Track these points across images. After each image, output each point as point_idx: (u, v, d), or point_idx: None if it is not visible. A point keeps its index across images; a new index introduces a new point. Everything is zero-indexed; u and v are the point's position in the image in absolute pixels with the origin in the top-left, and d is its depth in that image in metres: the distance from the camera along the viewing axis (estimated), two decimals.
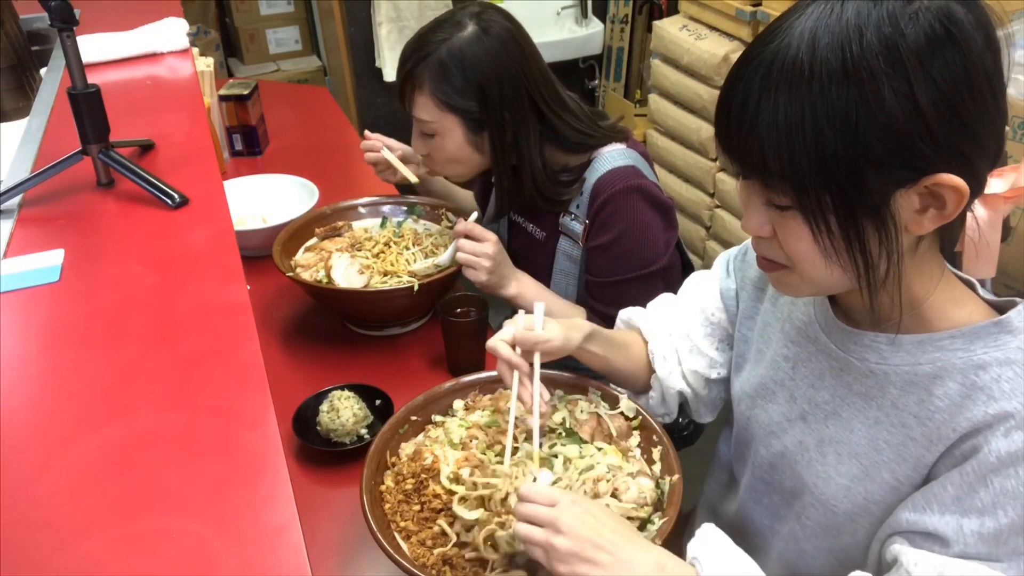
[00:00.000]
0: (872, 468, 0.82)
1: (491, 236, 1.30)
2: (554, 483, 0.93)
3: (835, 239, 0.72)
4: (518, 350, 0.98)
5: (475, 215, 1.35)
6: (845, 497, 0.84)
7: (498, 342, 0.97)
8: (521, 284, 1.34)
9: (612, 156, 1.33)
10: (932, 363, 0.78)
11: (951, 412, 0.76)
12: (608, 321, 1.30)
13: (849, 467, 0.84)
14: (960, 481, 0.74)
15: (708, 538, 0.82)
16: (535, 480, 0.90)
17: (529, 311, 1.01)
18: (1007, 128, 0.73)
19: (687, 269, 1.47)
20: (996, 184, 0.76)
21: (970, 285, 0.82)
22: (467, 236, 1.31)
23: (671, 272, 1.40)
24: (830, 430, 0.87)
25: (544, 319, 0.99)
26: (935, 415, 0.77)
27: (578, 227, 1.36)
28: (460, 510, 0.91)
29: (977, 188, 0.71)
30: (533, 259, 1.44)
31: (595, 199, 1.32)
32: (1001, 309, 0.79)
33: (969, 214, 0.78)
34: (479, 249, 1.29)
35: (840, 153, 0.67)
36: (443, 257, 1.36)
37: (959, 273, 0.82)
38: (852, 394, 0.85)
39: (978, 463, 0.73)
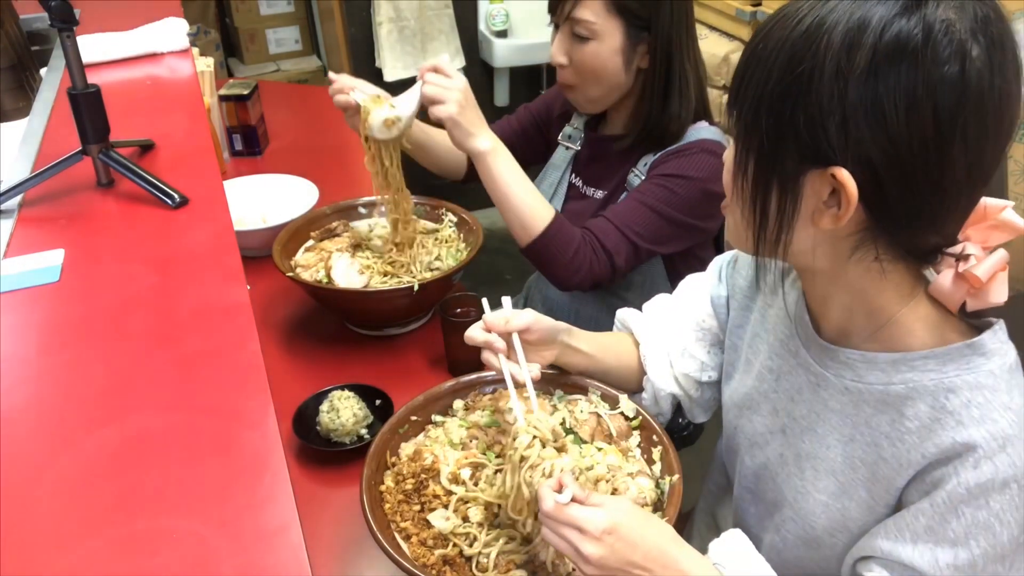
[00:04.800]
0: (849, 485, 0.82)
1: (461, 76, 1.25)
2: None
3: (746, 182, 0.75)
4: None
5: (445, 56, 1.31)
6: (823, 513, 0.84)
7: (472, 329, 0.99)
8: (496, 141, 1.26)
9: (704, 130, 1.36)
10: (905, 383, 0.77)
11: (920, 435, 0.75)
12: (595, 225, 1.30)
13: (826, 483, 0.84)
14: (931, 511, 0.73)
15: (732, 542, 0.83)
16: (559, 489, 0.80)
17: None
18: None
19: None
20: (972, 263, 0.75)
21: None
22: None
23: (691, 258, 1.42)
24: (806, 445, 0.86)
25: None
26: (905, 437, 0.77)
27: (637, 181, 1.37)
28: (434, 519, 0.91)
29: (884, 216, 0.70)
30: (581, 219, 1.43)
31: (676, 149, 1.33)
32: (980, 328, 0.78)
33: (944, 273, 0.77)
34: (448, 83, 1.23)
35: (774, 103, 0.70)
36: (403, 101, 1.26)
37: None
38: (827, 410, 0.84)
39: (948, 494, 0.72)
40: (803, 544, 0.87)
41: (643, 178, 1.36)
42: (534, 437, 0.87)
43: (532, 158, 1.65)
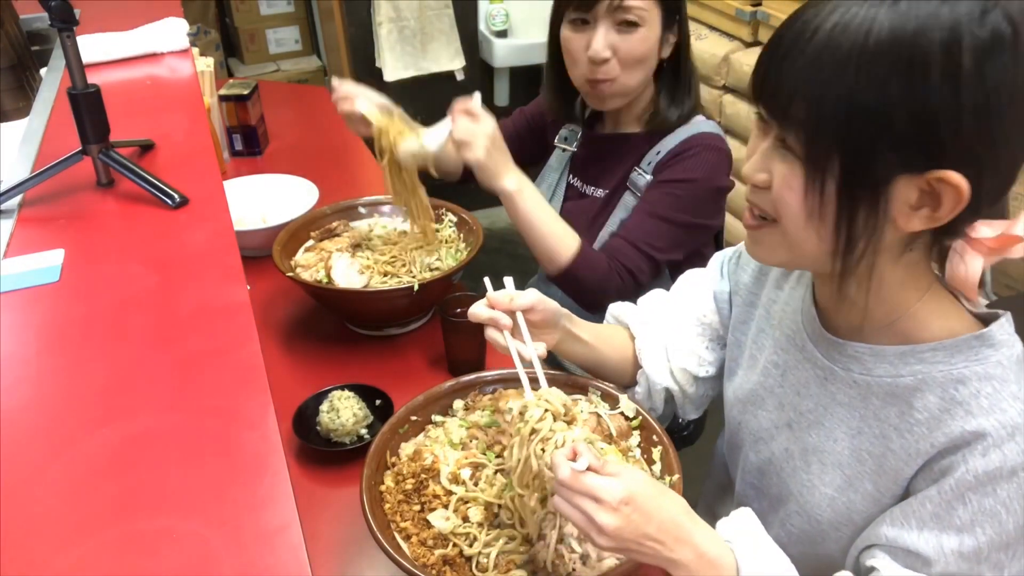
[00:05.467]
0: (855, 478, 0.82)
1: (490, 117, 1.27)
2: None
3: (825, 202, 0.71)
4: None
5: (477, 94, 1.30)
6: (828, 506, 0.84)
7: (475, 306, 0.97)
8: (522, 180, 1.29)
9: (702, 124, 1.38)
10: (913, 375, 0.77)
11: (930, 426, 0.76)
12: (622, 243, 1.33)
13: (832, 477, 0.84)
14: (938, 498, 0.74)
15: (741, 521, 0.82)
16: (574, 456, 0.78)
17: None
18: None
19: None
20: (985, 230, 0.75)
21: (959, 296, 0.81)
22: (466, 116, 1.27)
23: (696, 255, 1.43)
24: (813, 439, 0.86)
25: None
26: (914, 428, 0.77)
27: (642, 181, 1.38)
28: (434, 519, 0.91)
29: (974, 205, 0.70)
30: (583, 219, 1.46)
31: (678, 149, 1.35)
32: (987, 321, 0.78)
33: (955, 254, 0.77)
34: (479, 129, 1.25)
35: (867, 117, 0.67)
36: (431, 136, 1.28)
37: (948, 285, 0.81)
38: (835, 404, 0.84)
39: (956, 481, 0.73)
40: (807, 538, 0.87)
41: (648, 177, 1.37)
42: (546, 410, 0.86)
43: (526, 160, 1.66)
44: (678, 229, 1.34)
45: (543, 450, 0.84)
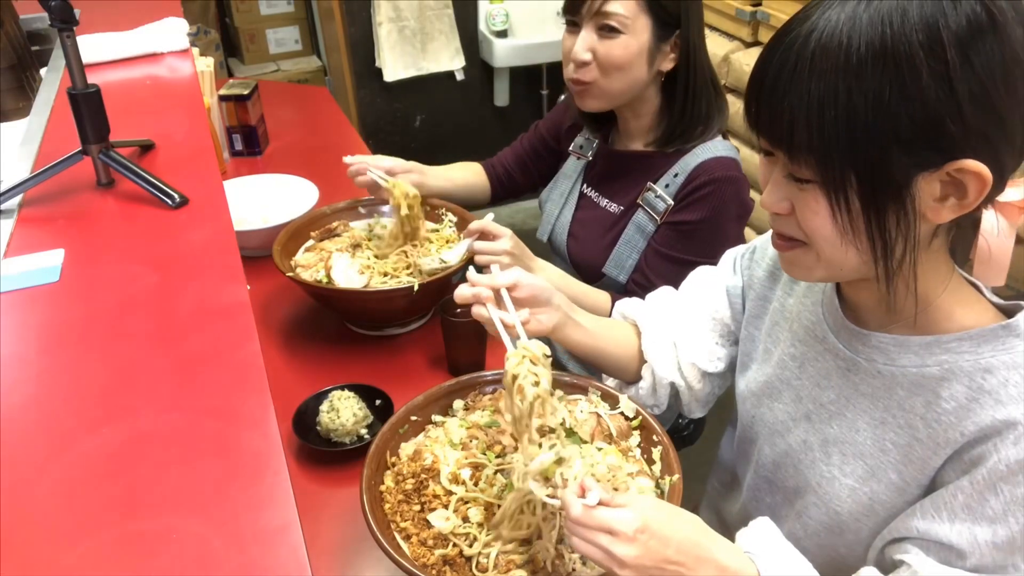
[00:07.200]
0: (878, 468, 0.82)
1: (506, 231, 1.29)
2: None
3: (854, 218, 0.72)
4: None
5: (490, 215, 1.34)
6: (849, 497, 0.84)
7: (460, 288, 0.96)
8: (546, 273, 1.33)
9: (715, 146, 1.37)
10: (939, 365, 0.78)
11: (958, 415, 0.76)
12: (647, 291, 1.33)
13: (854, 467, 0.84)
14: (970, 489, 0.74)
15: (760, 530, 0.83)
16: (582, 491, 0.77)
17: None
18: None
19: None
20: (1012, 193, 0.76)
21: (977, 288, 0.82)
22: (481, 235, 1.30)
23: None
24: (834, 430, 0.87)
25: None
26: (941, 417, 0.77)
27: (661, 205, 1.38)
28: (434, 519, 0.91)
29: (999, 182, 0.71)
30: (595, 231, 1.48)
31: (692, 180, 1.35)
32: (1009, 312, 0.79)
33: (983, 221, 0.78)
34: (497, 247, 1.28)
35: (870, 130, 0.67)
36: (451, 253, 1.35)
37: (966, 276, 0.82)
38: (858, 394, 0.85)
39: (988, 471, 0.73)
40: (826, 530, 0.88)
41: (668, 203, 1.37)
42: (523, 356, 0.85)
43: (545, 175, 1.67)
44: (703, 265, 1.35)
45: (523, 401, 0.83)
